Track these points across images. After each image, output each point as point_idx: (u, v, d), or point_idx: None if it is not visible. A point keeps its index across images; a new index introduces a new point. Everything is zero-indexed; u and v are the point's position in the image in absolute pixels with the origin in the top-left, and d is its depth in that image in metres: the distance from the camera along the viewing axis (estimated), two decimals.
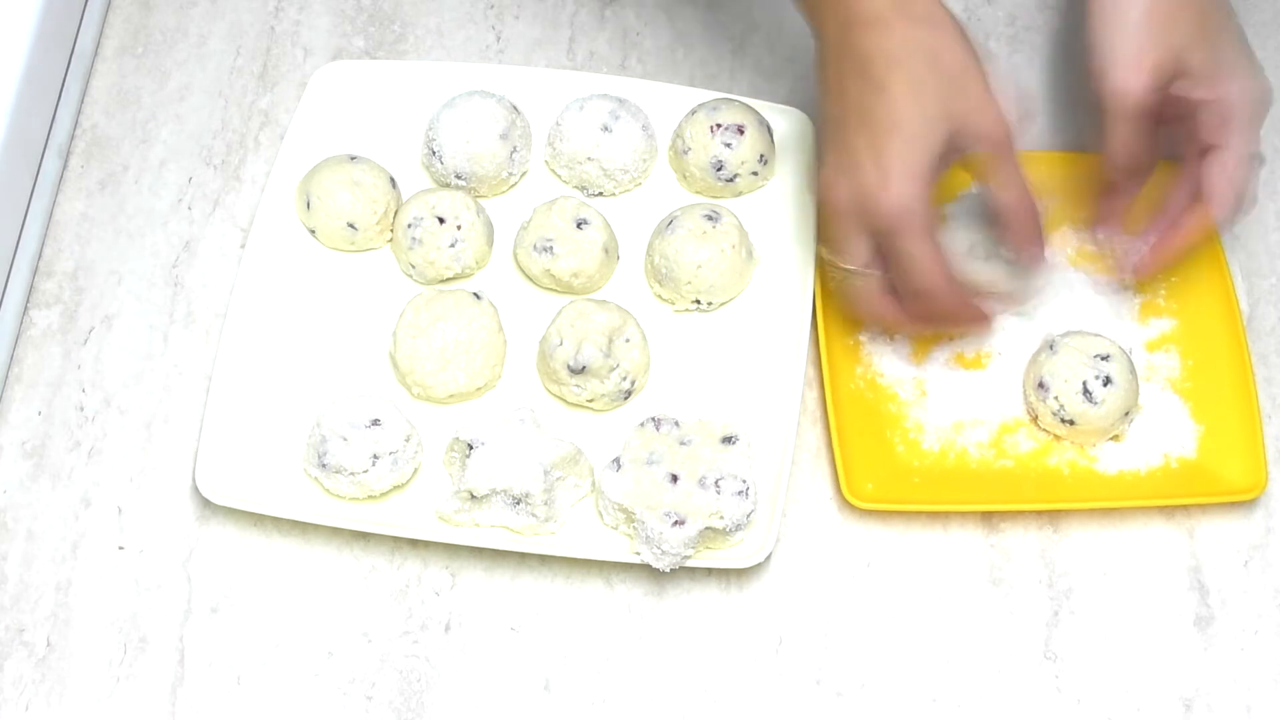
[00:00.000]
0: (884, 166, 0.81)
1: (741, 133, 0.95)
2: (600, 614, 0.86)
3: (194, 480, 0.86)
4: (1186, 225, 0.90)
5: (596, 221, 0.93)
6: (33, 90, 0.94)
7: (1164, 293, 0.94)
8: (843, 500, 0.88)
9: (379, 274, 0.94)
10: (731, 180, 0.96)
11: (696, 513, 0.84)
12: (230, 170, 0.99)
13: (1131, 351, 0.91)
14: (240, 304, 0.91)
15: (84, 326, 0.94)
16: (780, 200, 0.97)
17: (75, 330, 0.94)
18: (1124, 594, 0.87)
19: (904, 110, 0.81)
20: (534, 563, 0.87)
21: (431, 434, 0.89)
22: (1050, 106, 1.02)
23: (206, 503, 0.86)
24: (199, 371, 0.92)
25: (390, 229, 0.95)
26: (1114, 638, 0.86)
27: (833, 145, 0.84)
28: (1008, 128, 0.82)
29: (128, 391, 0.92)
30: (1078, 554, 0.88)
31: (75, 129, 1.00)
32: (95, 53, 1.03)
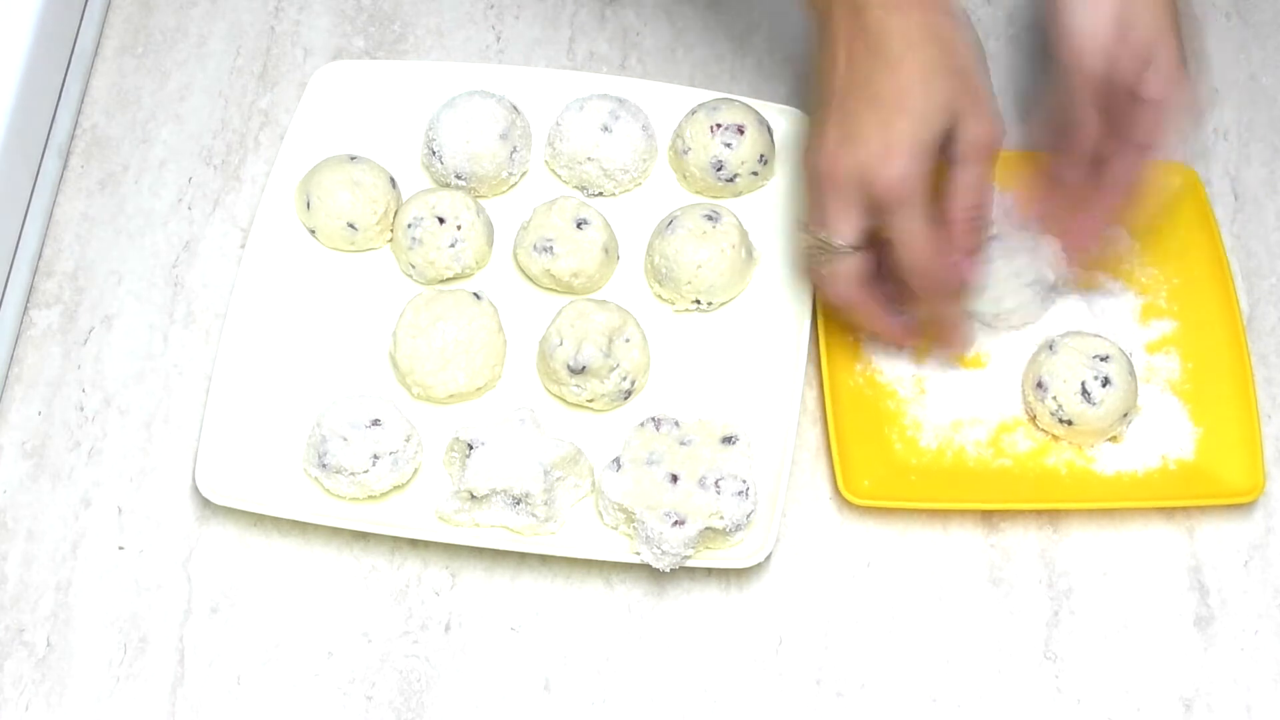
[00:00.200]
0: (889, 140, 0.81)
1: (741, 133, 0.95)
2: (600, 614, 0.86)
3: (194, 480, 0.86)
4: (1099, 210, 0.90)
5: (596, 221, 0.93)
6: (33, 90, 0.94)
7: (1165, 295, 0.94)
8: (842, 500, 0.88)
9: (379, 274, 0.94)
10: (731, 180, 0.96)
11: (696, 513, 0.84)
12: (230, 170, 0.99)
13: (1132, 353, 0.91)
14: (240, 304, 0.91)
15: (84, 326, 0.94)
16: (780, 200, 0.97)
17: (75, 330, 0.93)
18: (1124, 594, 0.87)
19: (914, 91, 0.81)
20: (534, 563, 0.87)
21: (431, 434, 0.89)
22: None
23: (206, 503, 0.86)
24: (199, 371, 0.92)
25: (390, 229, 0.95)
26: (1114, 638, 0.86)
27: (835, 118, 0.83)
28: (996, 135, 0.82)
29: (128, 391, 0.92)
30: (1078, 554, 0.88)
31: (75, 129, 1.00)
32: (95, 53, 1.03)
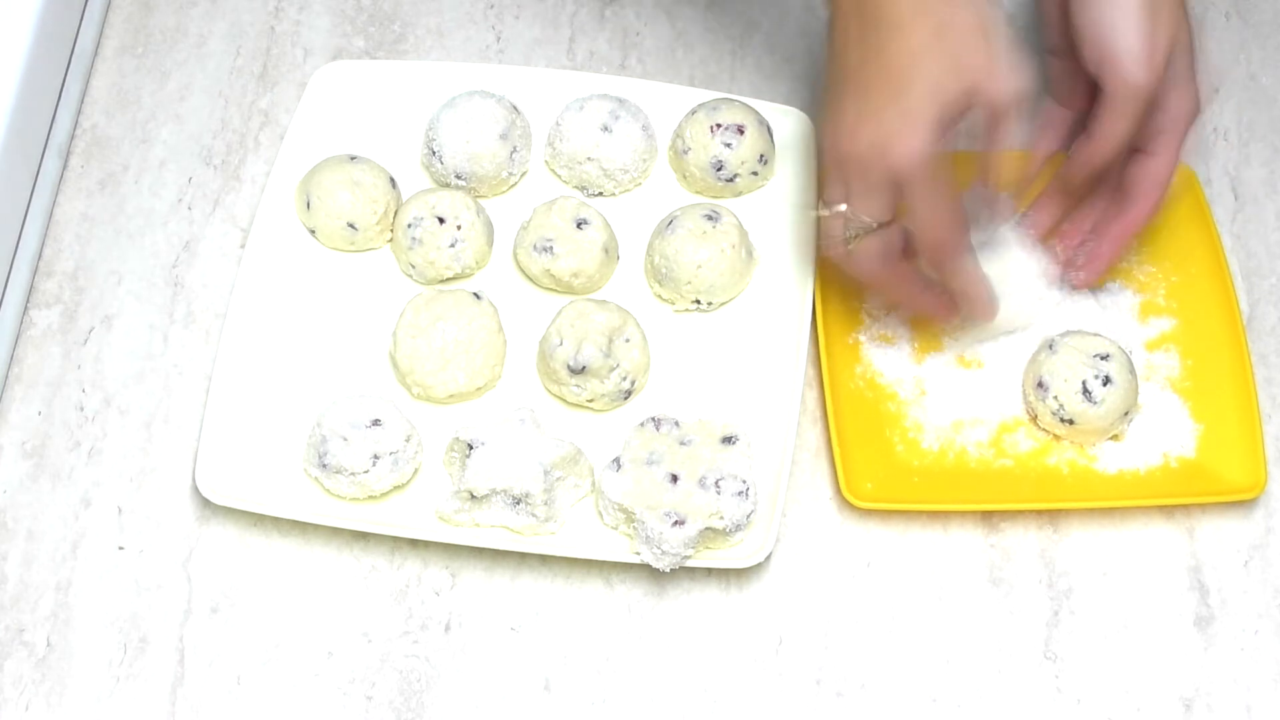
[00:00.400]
0: (905, 113, 0.80)
1: (741, 133, 0.95)
2: (600, 614, 0.86)
3: (194, 480, 0.86)
4: (1116, 234, 0.90)
5: (596, 221, 0.93)
6: (33, 90, 0.94)
7: (1164, 292, 0.94)
8: (842, 500, 0.88)
9: (379, 274, 0.94)
10: (731, 180, 0.96)
11: (696, 513, 0.84)
12: (230, 170, 0.99)
13: (1131, 351, 0.91)
14: (240, 304, 0.91)
15: (84, 326, 0.94)
16: (780, 200, 0.97)
17: (75, 330, 0.93)
18: (1124, 594, 0.87)
19: (924, 60, 0.80)
20: (534, 563, 0.87)
21: (431, 434, 0.89)
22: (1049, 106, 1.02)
23: (206, 503, 0.86)
24: (199, 371, 0.92)
25: (390, 229, 0.95)
26: (1114, 638, 0.86)
27: (850, 95, 0.82)
28: (1012, 94, 0.81)
29: (128, 391, 0.92)
30: (1078, 554, 0.88)
31: (75, 129, 1.00)
32: (95, 53, 1.03)
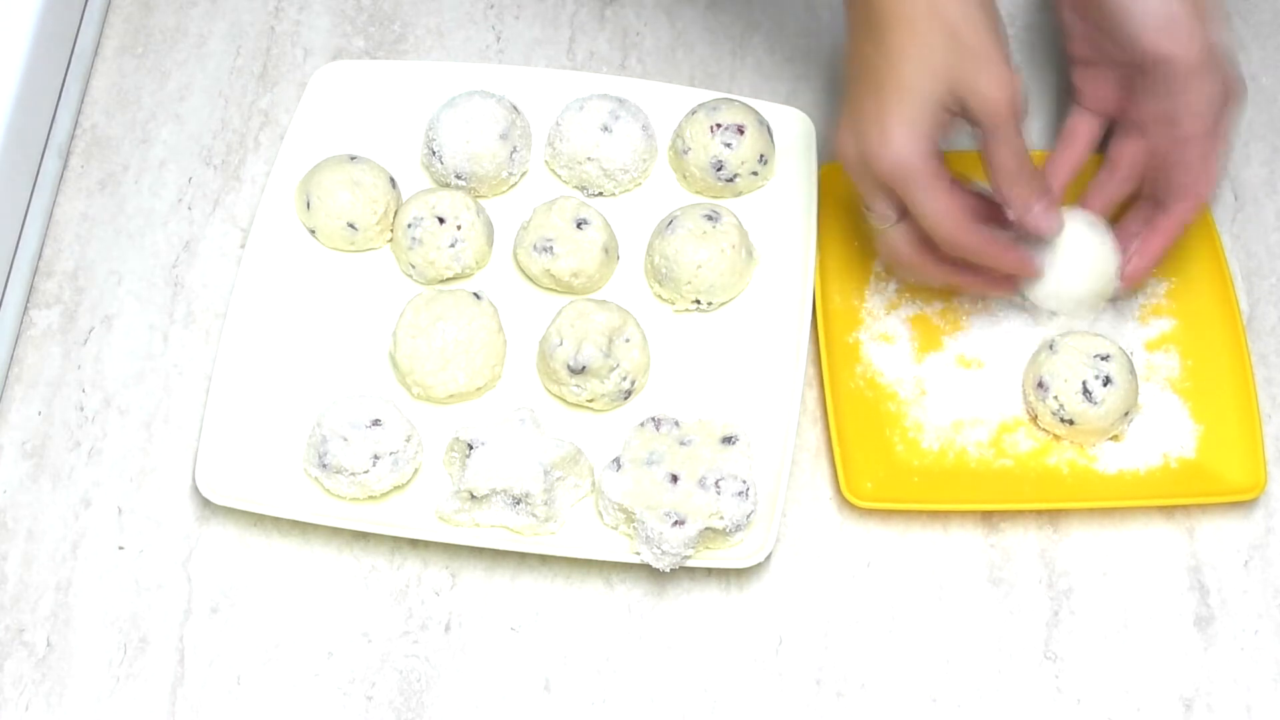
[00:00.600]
0: (884, 122, 0.81)
1: (741, 133, 0.95)
2: (600, 614, 0.86)
3: (194, 480, 0.86)
4: (1167, 226, 0.89)
5: (596, 221, 0.93)
6: (33, 90, 0.94)
7: (1164, 293, 0.94)
8: (842, 500, 0.88)
9: (379, 274, 0.94)
10: (731, 180, 0.96)
11: (696, 513, 0.84)
12: (230, 170, 0.99)
13: (1131, 352, 0.91)
14: (240, 304, 0.91)
15: (84, 326, 0.94)
16: (780, 200, 0.97)
17: (75, 330, 0.93)
18: (1124, 594, 0.87)
19: (905, 66, 0.80)
20: (534, 563, 0.87)
21: (431, 434, 0.89)
22: (1050, 106, 1.02)
23: (206, 503, 0.86)
24: (199, 371, 0.92)
25: (390, 229, 0.95)
26: (1114, 638, 0.86)
27: (846, 106, 0.84)
28: (1009, 92, 0.81)
29: (128, 391, 0.92)
30: (1078, 554, 0.88)
31: (75, 129, 1.00)
32: (95, 53, 1.03)
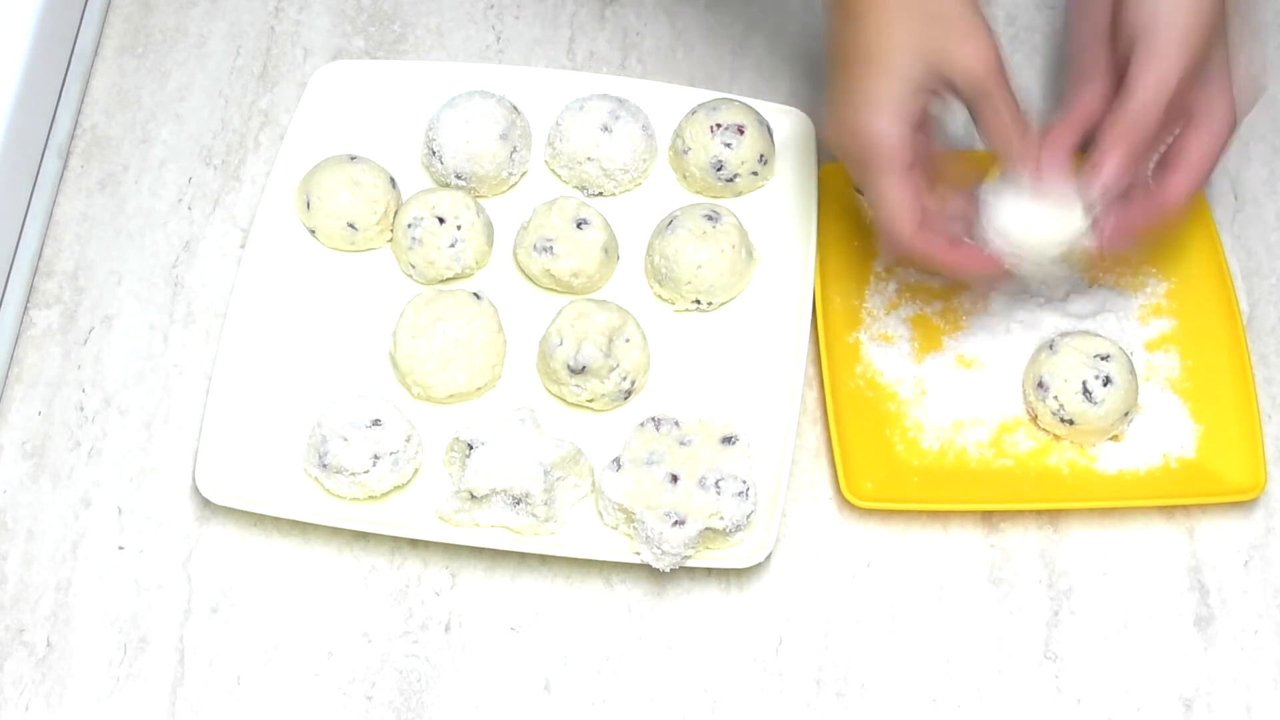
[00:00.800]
0: (856, 100, 0.80)
1: (741, 133, 0.95)
2: (600, 614, 0.86)
3: (194, 480, 0.86)
4: (1144, 206, 0.85)
5: (596, 221, 0.93)
6: (33, 90, 0.94)
7: (1164, 293, 0.94)
8: (842, 500, 0.88)
9: (379, 274, 0.94)
10: (731, 180, 0.96)
11: (696, 513, 0.84)
12: (230, 170, 0.99)
13: (1132, 352, 0.91)
14: (240, 304, 0.91)
15: (84, 326, 0.94)
16: (780, 200, 0.97)
17: (75, 330, 0.93)
18: (1124, 594, 0.87)
19: (877, 43, 0.80)
20: (534, 563, 0.87)
21: (431, 434, 0.89)
22: (1050, 106, 1.02)
23: (206, 503, 0.86)
24: (199, 371, 0.92)
25: (390, 229, 0.95)
26: (1114, 638, 0.86)
27: (832, 83, 0.84)
28: (990, 60, 0.80)
29: (128, 391, 0.92)
30: (1078, 554, 0.88)
31: (75, 129, 1.00)
32: (95, 53, 1.03)
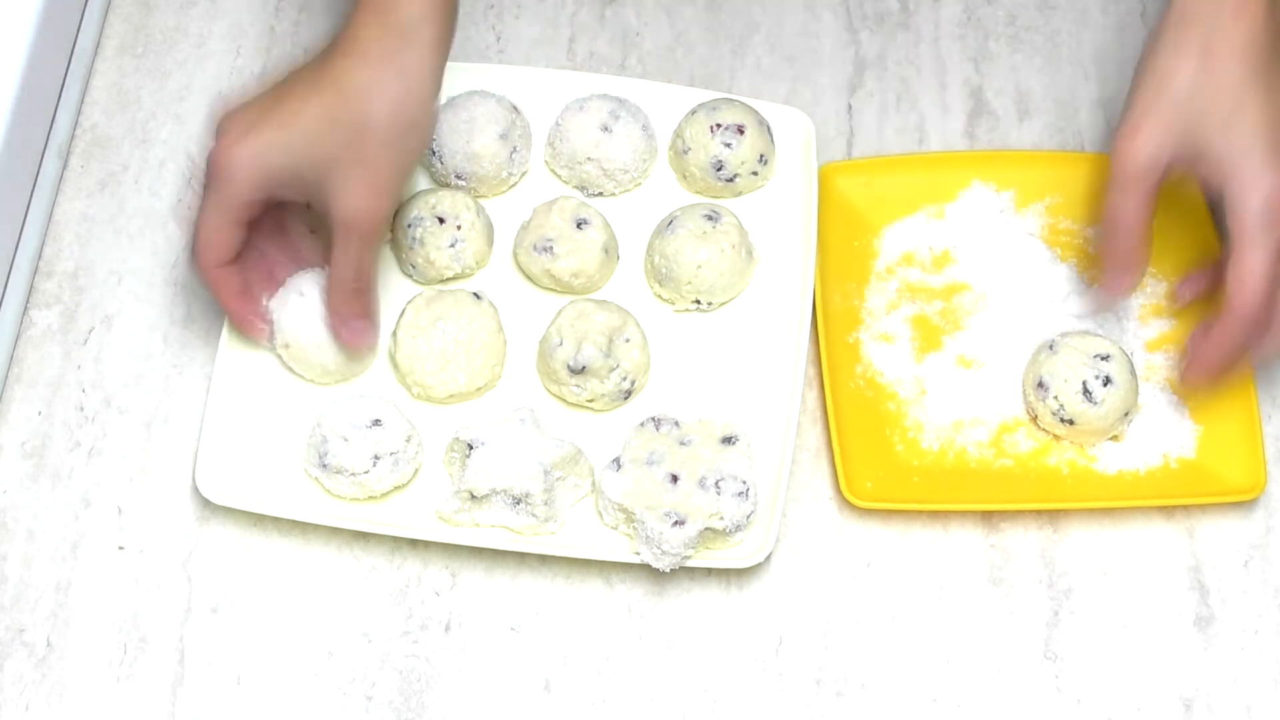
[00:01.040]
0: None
1: (741, 133, 0.95)
2: (600, 614, 0.86)
3: (194, 480, 0.86)
4: (1213, 335, 0.85)
5: (596, 221, 0.93)
6: (33, 90, 0.94)
7: (1164, 293, 0.94)
8: (842, 500, 0.88)
9: (379, 274, 0.94)
10: (731, 180, 0.96)
11: (696, 513, 0.84)
12: None
13: (1132, 352, 0.91)
14: None
15: (84, 326, 0.94)
16: (780, 200, 0.97)
17: (75, 330, 0.93)
18: (1124, 594, 0.87)
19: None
20: (534, 563, 0.87)
21: (431, 434, 0.89)
22: (1050, 106, 1.02)
23: (206, 503, 0.86)
24: (199, 371, 0.92)
25: (390, 229, 0.95)
26: (1114, 638, 0.86)
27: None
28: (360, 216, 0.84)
29: (128, 391, 0.92)
30: (1078, 554, 0.88)
31: (75, 129, 1.00)
32: (95, 53, 1.03)
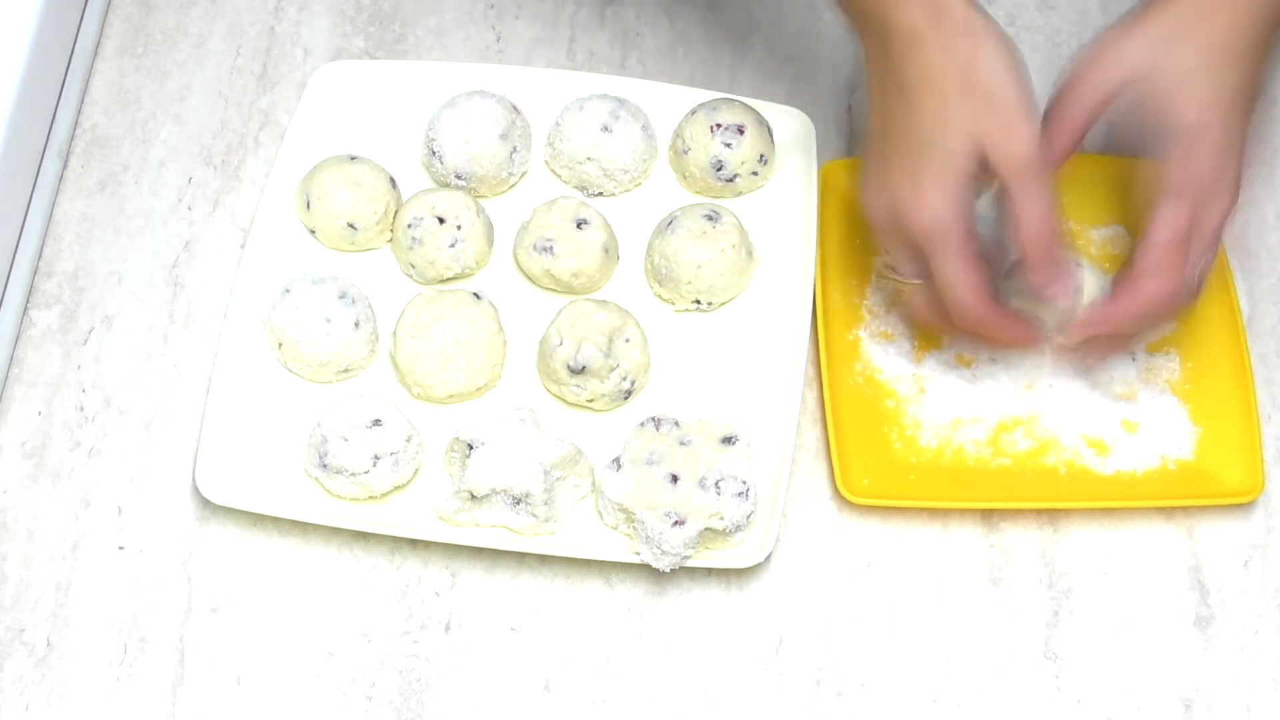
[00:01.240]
0: (917, 185, 0.81)
1: (741, 133, 0.95)
2: (600, 614, 0.86)
3: (194, 480, 0.86)
4: (1113, 305, 0.85)
5: (596, 221, 0.93)
6: (33, 90, 0.94)
7: None
8: (843, 500, 0.88)
9: (379, 274, 0.94)
10: (731, 180, 0.96)
11: (696, 513, 0.84)
12: (230, 170, 0.99)
13: (1133, 354, 0.91)
14: (240, 304, 0.91)
15: (84, 326, 0.94)
16: (780, 200, 0.97)
17: (75, 330, 0.93)
18: (1124, 594, 0.87)
19: (935, 129, 0.80)
20: (534, 563, 0.87)
21: (431, 434, 0.89)
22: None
23: (206, 503, 0.86)
24: (199, 371, 0.92)
25: (390, 229, 0.95)
26: (1114, 638, 0.86)
27: (872, 160, 0.84)
28: (1030, 152, 0.80)
29: (128, 391, 0.92)
30: (1078, 554, 0.88)
31: (75, 129, 1.00)
32: (95, 53, 1.03)
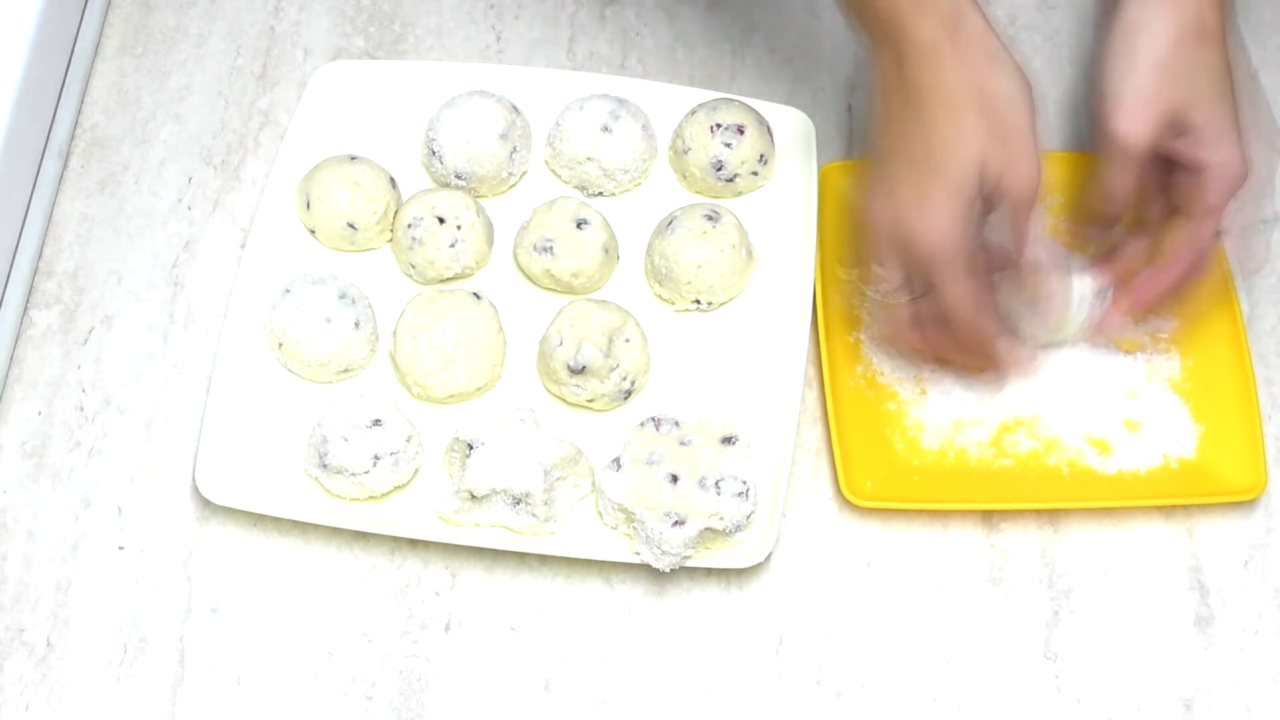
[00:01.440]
0: (925, 201, 0.81)
1: (741, 133, 0.95)
2: (600, 614, 0.86)
3: (194, 480, 0.86)
4: (1147, 284, 0.90)
5: (596, 221, 0.93)
6: (33, 90, 0.94)
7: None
8: (843, 500, 0.88)
9: (379, 274, 0.94)
10: (731, 180, 0.96)
11: (696, 513, 0.84)
12: (230, 170, 0.99)
13: (1135, 355, 0.92)
14: (240, 304, 0.91)
15: (84, 326, 0.94)
16: (780, 200, 0.97)
17: (75, 330, 0.93)
18: (1124, 594, 0.87)
19: (947, 147, 0.81)
20: (534, 563, 0.87)
21: (431, 434, 0.89)
22: (1051, 106, 1.02)
23: (206, 503, 0.86)
24: (199, 371, 0.92)
25: (390, 229, 0.95)
26: (1114, 638, 0.86)
27: (878, 173, 0.85)
28: (1032, 187, 0.82)
29: (128, 391, 0.92)
30: (1078, 554, 0.88)
31: (75, 129, 1.00)
32: (95, 53, 1.03)
